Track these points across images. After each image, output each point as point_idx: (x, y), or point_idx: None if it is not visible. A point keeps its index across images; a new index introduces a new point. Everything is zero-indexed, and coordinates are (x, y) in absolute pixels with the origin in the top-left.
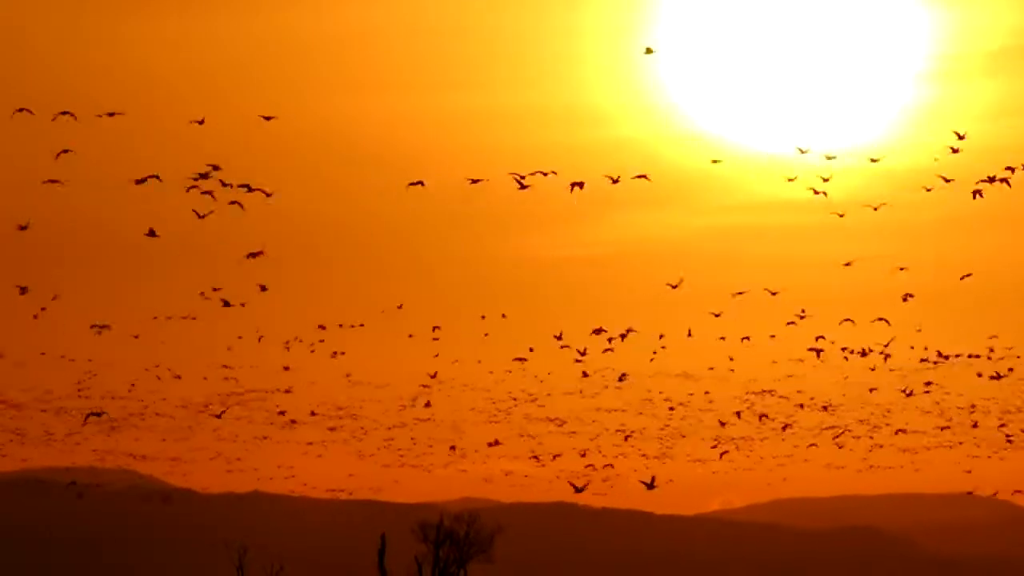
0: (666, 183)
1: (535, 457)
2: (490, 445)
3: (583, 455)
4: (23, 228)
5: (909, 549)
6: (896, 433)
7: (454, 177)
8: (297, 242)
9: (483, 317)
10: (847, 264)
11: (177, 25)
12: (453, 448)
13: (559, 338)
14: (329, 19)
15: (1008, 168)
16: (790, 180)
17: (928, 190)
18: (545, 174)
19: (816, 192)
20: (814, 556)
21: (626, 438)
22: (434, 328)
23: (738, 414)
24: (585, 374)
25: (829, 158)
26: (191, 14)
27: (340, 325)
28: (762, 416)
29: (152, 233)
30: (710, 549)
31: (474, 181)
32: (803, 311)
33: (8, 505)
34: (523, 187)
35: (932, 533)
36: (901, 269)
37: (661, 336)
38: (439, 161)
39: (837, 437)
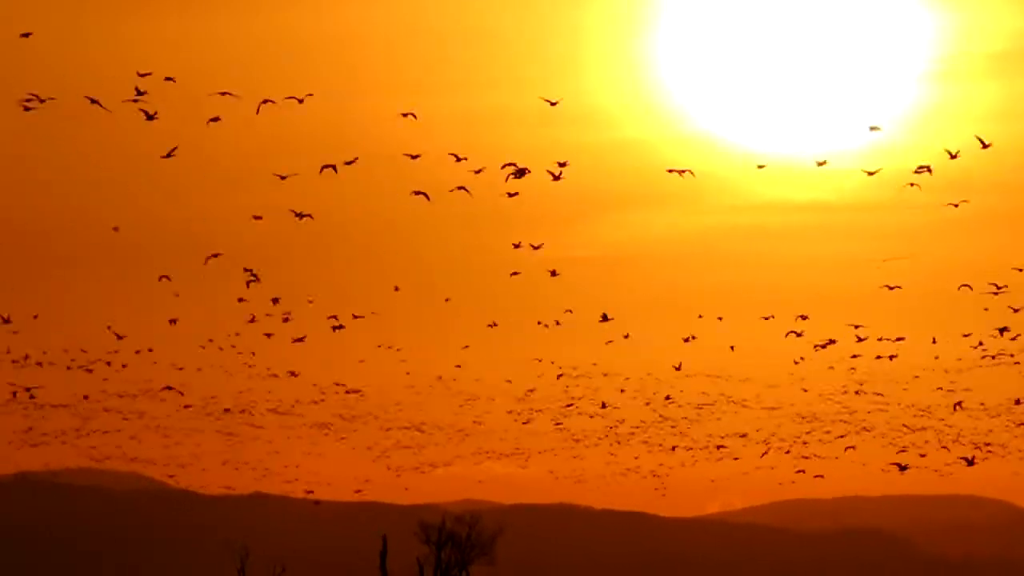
0: (671, 184)
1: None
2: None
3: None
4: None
5: (910, 551)
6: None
7: (457, 177)
8: (298, 240)
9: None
10: (884, 261)
11: (177, 25)
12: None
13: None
14: (329, 19)
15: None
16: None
17: (915, 182)
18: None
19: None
20: (815, 558)
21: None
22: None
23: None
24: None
25: (820, 163)
26: (191, 14)
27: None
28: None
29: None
30: (712, 551)
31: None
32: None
33: (9, 505)
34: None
35: (934, 534)
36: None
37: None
38: (442, 161)
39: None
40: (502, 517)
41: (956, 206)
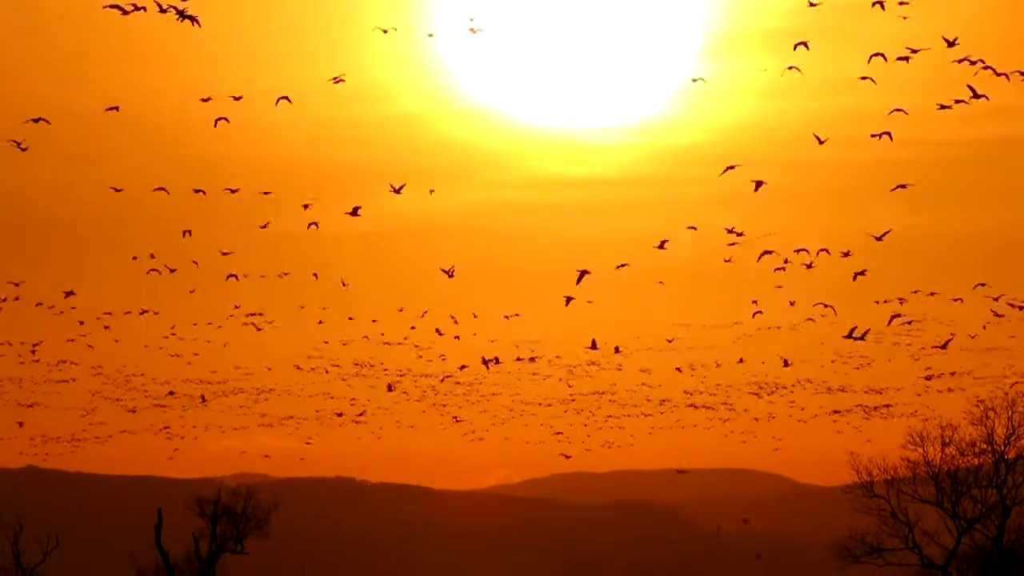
0: (445, 158)
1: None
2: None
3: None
4: None
5: (685, 524)
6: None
7: (229, 154)
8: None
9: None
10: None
11: None
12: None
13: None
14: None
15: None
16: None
17: None
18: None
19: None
20: (590, 531)
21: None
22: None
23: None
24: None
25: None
26: None
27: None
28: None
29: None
30: (488, 523)
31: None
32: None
33: None
34: None
35: (710, 508)
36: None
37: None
38: (222, 136)
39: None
40: (277, 490)
41: (732, 168)
